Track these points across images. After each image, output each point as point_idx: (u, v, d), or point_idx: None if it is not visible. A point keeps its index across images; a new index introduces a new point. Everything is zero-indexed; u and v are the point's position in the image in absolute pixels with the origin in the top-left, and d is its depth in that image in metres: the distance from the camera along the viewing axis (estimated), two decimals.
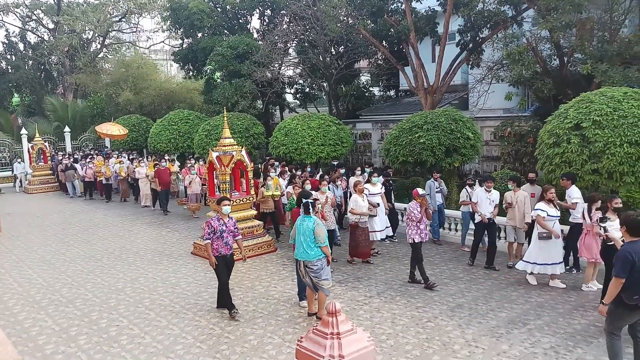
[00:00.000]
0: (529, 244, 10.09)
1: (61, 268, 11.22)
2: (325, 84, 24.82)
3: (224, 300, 8.20)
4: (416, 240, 9.19)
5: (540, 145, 11.20)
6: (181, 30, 29.03)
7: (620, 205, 8.02)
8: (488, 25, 17.61)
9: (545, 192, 9.03)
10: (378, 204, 11.11)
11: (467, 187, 11.56)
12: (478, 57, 18.89)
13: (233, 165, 11.58)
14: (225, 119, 12.47)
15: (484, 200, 10.23)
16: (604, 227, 7.64)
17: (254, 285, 9.64)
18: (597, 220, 8.04)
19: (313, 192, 10.07)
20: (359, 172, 13.35)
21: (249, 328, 7.69)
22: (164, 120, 24.26)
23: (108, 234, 14.42)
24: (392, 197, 12.86)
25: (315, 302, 8.04)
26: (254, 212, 12.27)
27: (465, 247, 11.55)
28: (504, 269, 10.16)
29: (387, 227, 11.54)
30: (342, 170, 14.26)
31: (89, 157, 23.86)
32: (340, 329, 4.00)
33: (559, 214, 9.04)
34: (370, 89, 28.61)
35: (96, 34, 39.85)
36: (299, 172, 14.16)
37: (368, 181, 11.80)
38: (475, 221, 10.45)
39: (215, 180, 12.31)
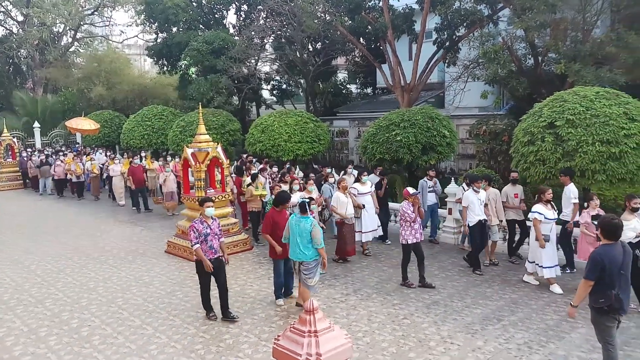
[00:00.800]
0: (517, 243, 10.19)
1: (30, 267, 10.92)
2: (302, 81, 24.75)
3: (205, 303, 7.92)
4: (409, 242, 8.94)
5: (515, 144, 11.33)
6: (155, 24, 28.64)
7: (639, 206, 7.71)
8: (464, 24, 17.79)
9: (542, 194, 8.73)
10: (364, 205, 10.78)
11: (463, 184, 11.09)
12: (454, 55, 19.08)
13: (208, 162, 11.43)
14: (201, 115, 12.29)
15: (475, 202, 9.75)
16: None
17: (229, 284, 9.42)
18: (590, 218, 8.07)
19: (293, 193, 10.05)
20: (350, 170, 13.20)
21: (224, 327, 7.60)
22: (137, 116, 23.87)
23: (79, 232, 14.10)
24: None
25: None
26: (230, 209, 12.13)
27: (466, 246, 11.12)
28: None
29: (378, 227, 11.23)
30: (329, 170, 13.88)
31: (59, 153, 23.29)
32: (318, 327, 3.95)
33: (556, 216, 8.81)
34: (348, 86, 28.67)
35: (67, 27, 39.00)
36: (273, 171, 14.07)
37: (357, 180, 11.40)
38: (471, 225, 9.81)
39: (191, 178, 12.12)
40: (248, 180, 12.66)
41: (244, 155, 18.00)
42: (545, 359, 6.43)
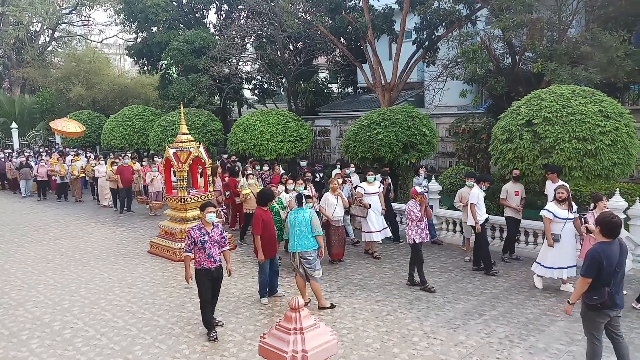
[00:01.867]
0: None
1: (10, 270, 10.78)
2: (283, 80, 24.72)
3: (205, 319, 7.30)
4: (417, 241, 8.86)
5: (494, 141, 11.51)
6: (135, 24, 28.31)
7: None
8: (443, 24, 17.95)
9: (556, 191, 8.52)
10: (370, 205, 10.61)
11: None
12: (434, 55, 19.25)
13: (191, 161, 11.40)
14: (182, 114, 12.24)
15: (482, 201, 9.71)
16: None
17: None
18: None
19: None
20: (353, 169, 13.09)
21: None
22: (117, 116, 23.62)
23: (60, 234, 13.95)
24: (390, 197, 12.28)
25: (307, 292, 8.24)
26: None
27: (468, 248, 10.82)
28: (459, 261, 10.42)
29: (384, 228, 10.93)
30: (349, 170, 13.38)
31: (38, 155, 22.92)
32: (304, 324, 4.00)
33: (571, 215, 8.41)
34: (329, 85, 28.70)
35: (45, 27, 38.31)
36: (265, 170, 14.04)
37: (363, 180, 11.28)
38: (480, 222, 9.62)
39: (173, 178, 12.07)
40: (244, 181, 12.42)
41: (224, 156, 17.87)
42: (526, 351, 6.58)
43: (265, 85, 27.82)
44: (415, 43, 19.25)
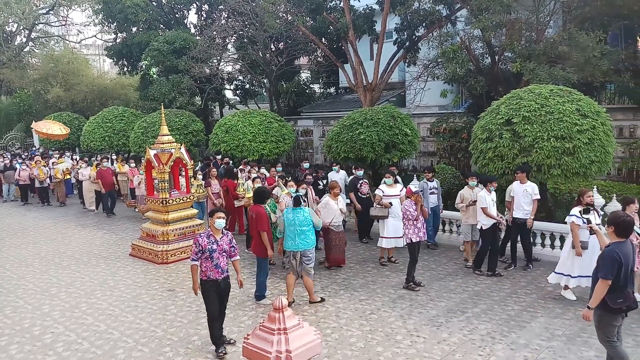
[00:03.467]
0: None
1: None
2: (265, 81, 24.68)
3: (213, 335, 6.77)
4: (414, 240, 8.79)
5: (474, 141, 11.63)
6: (114, 24, 27.99)
7: None
8: (424, 24, 18.08)
9: (582, 196, 8.14)
10: (391, 204, 10.23)
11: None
12: (414, 55, 19.38)
13: (172, 163, 11.32)
14: (163, 115, 12.14)
15: (490, 203, 9.40)
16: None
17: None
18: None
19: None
20: (360, 172, 12.50)
21: (192, 329, 7.56)
22: (97, 117, 23.30)
23: (40, 238, 13.73)
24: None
25: (296, 289, 8.42)
26: (194, 211, 12.03)
27: (468, 251, 10.48)
28: (441, 259, 10.52)
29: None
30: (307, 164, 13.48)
31: (19, 157, 22.43)
32: (287, 325, 4.02)
33: (598, 220, 8.08)
34: (311, 86, 28.74)
35: (21, 27, 37.67)
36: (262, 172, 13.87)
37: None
38: (484, 228, 9.43)
39: (155, 180, 11.96)
40: (249, 184, 11.92)
41: (218, 157, 17.11)
42: (508, 348, 6.68)
43: (247, 86, 27.75)
44: (396, 43, 19.37)
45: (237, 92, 28.08)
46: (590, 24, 13.40)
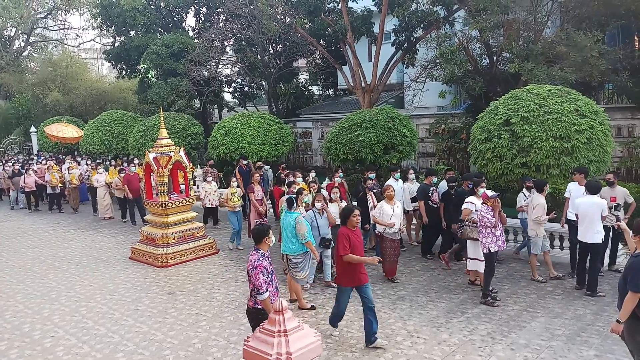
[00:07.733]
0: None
1: None
2: (264, 83, 24.73)
3: None
4: (492, 249, 7.98)
5: (473, 141, 11.65)
6: (113, 28, 28.04)
7: None
8: (422, 25, 18.14)
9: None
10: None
11: (524, 190, 9.99)
12: (413, 56, 19.42)
13: (171, 166, 11.33)
14: (162, 118, 12.15)
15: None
16: (617, 216, 7.44)
17: (196, 288, 9.47)
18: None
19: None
20: (373, 175, 11.54)
21: (192, 332, 7.56)
22: (96, 121, 23.37)
23: (39, 242, 13.72)
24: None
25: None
26: (193, 214, 12.01)
27: (520, 253, 10.40)
28: (441, 259, 10.51)
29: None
30: (373, 175, 11.62)
31: (26, 163, 22.26)
32: (287, 326, 4.01)
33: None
34: (310, 87, 28.78)
35: (19, 31, 37.72)
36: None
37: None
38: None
39: (153, 183, 11.97)
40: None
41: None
42: (508, 348, 6.67)
43: (246, 88, 27.79)
44: (394, 45, 19.41)
45: (236, 94, 28.13)
46: (588, 24, 13.45)
